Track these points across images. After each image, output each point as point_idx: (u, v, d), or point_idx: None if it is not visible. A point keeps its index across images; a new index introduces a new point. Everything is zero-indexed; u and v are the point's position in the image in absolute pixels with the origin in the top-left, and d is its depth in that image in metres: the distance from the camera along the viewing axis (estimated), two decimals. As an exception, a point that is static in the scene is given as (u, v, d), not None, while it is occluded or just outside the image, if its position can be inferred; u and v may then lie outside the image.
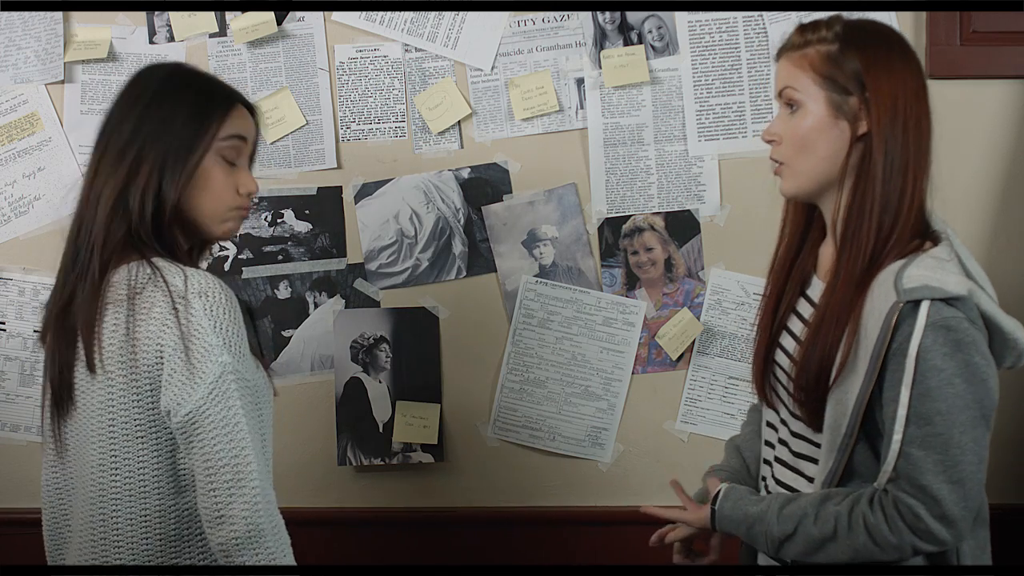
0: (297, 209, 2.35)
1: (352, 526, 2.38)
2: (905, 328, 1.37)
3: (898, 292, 1.38)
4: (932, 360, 1.36)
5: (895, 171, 1.44)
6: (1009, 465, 2.33)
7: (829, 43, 1.47)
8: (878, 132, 1.44)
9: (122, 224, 1.49)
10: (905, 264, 1.41)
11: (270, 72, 2.33)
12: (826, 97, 1.46)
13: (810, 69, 1.47)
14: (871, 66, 1.45)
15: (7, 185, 2.35)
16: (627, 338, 2.33)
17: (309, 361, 2.36)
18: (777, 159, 1.52)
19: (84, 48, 2.31)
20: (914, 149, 1.45)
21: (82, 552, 1.50)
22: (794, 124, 1.48)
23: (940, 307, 1.37)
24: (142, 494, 1.47)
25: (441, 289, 2.34)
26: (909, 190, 1.45)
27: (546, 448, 2.35)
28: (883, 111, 1.44)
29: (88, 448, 1.49)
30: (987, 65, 2.25)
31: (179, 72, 1.60)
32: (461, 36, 2.30)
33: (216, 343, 1.43)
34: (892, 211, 1.44)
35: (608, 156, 2.31)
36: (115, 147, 1.51)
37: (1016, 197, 2.29)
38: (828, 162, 1.47)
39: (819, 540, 1.44)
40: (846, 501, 1.43)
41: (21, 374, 2.36)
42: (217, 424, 1.42)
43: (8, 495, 2.33)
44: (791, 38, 1.51)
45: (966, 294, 1.39)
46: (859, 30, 1.49)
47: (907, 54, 1.49)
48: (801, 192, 1.52)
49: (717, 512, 1.56)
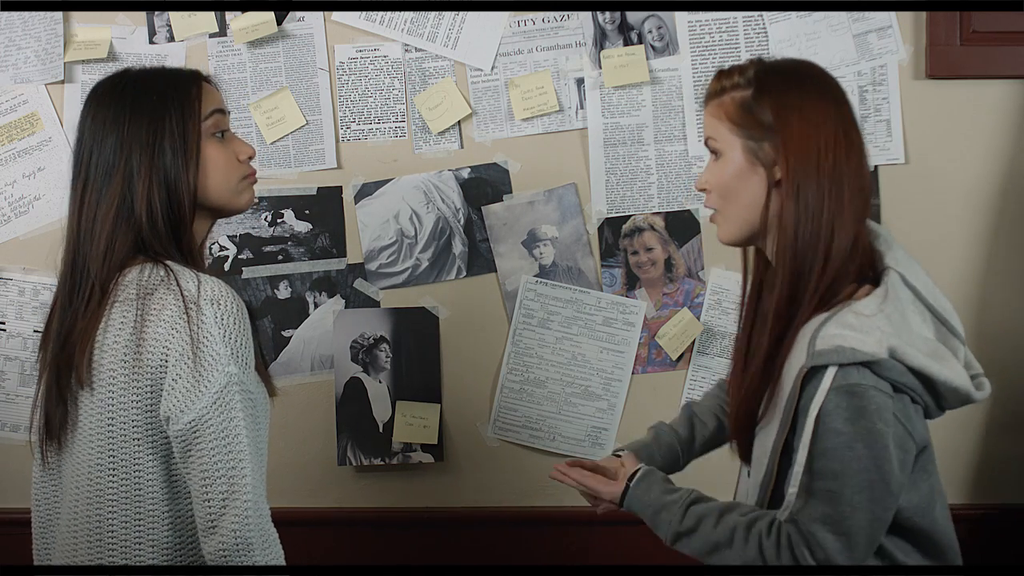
0: (297, 209, 2.35)
1: (352, 526, 2.38)
2: (810, 389, 1.38)
3: (808, 355, 1.38)
4: (833, 423, 1.36)
5: (810, 218, 1.41)
6: (1010, 465, 2.34)
7: (743, 89, 1.46)
8: (789, 179, 1.41)
9: (127, 236, 1.48)
10: (825, 320, 1.40)
11: (270, 72, 2.33)
12: (742, 144, 1.46)
13: (726, 118, 1.47)
14: (782, 110, 1.43)
15: (7, 185, 2.35)
16: (627, 338, 2.33)
17: (309, 361, 2.36)
18: (710, 207, 1.53)
19: (84, 48, 2.31)
20: (835, 193, 1.41)
21: (76, 553, 1.49)
22: (719, 172, 1.49)
23: (848, 371, 1.36)
24: (137, 497, 1.46)
25: (441, 289, 2.34)
26: (825, 236, 1.41)
27: (546, 448, 2.35)
28: (795, 156, 1.41)
29: (86, 449, 1.48)
30: (987, 65, 2.25)
31: (133, 76, 1.57)
32: (461, 36, 2.30)
33: (224, 353, 1.43)
34: (808, 260, 1.41)
35: (608, 156, 2.31)
36: (101, 168, 1.49)
37: (1016, 197, 2.29)
38: (750, 210, 1.47)
39: (714, 544, 1.46)
40: (748, 516, 1.45)
41: (21, 374, 2.37)
42: (217, 435, 1.41)
43: (8, 495, 2.33)
44: (711, 85, 1.51)
45: (883, 355, 1.36)
46: (773, 72, 1.47)
47: (824, 94, 1.46)
48: (734, 239, 1.52)
49: (630, 491, 1.57)
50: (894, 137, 2.26)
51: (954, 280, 2.29)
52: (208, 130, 1.54)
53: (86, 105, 1.55)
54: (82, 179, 1.52)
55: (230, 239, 2.35)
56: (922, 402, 1.42)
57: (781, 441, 1.43)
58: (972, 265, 2.30)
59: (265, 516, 1.44)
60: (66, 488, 1.53)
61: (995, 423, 2.33)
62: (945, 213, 2.29)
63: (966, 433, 2.32)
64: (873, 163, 2.27)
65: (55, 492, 1.56)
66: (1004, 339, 2.30)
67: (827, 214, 1.41)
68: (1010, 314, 2.31)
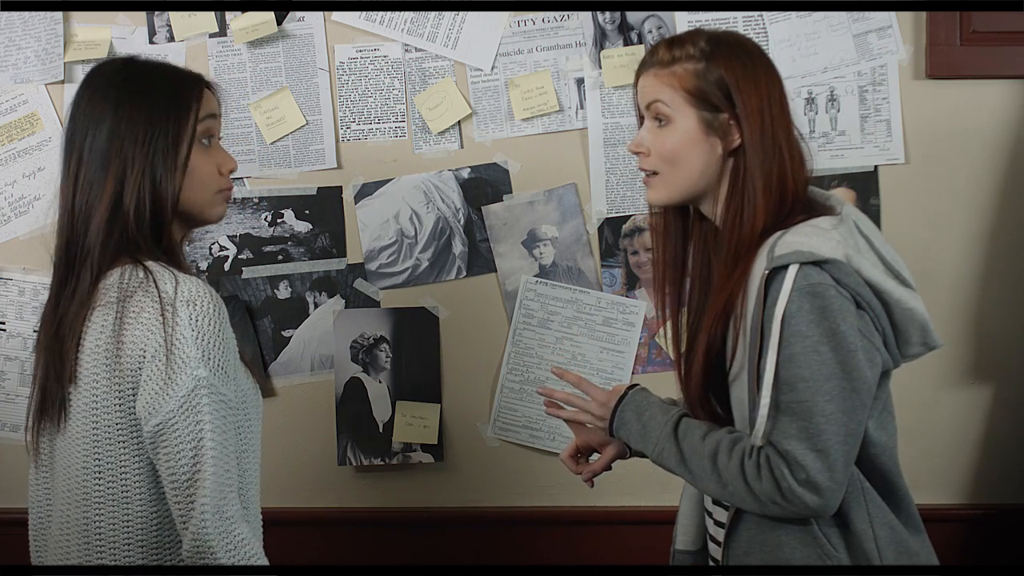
0: (297, 209, 2.35)
1: (352, 526, 2.38)
2: (772, 293, 1.39)
3: (768, 259, 1.41)
4: (797, 326, 1.37)
5: (770, 176, 1.48)
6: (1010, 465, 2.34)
7: (696, 60, 1.50)
8: (752, 143, 1.48)
9: (117, 230, 1.47)
10: (782, 234, 1.44)
11: (270, 72, 2.33)
12: (697, 115, 1.50)
13: (680, 88, 1.50)
14: (739, 79, 1.49)
15: (7, 185, 2.35)
16: (627, 338, 2.33)
17: (309, 361, 2.36)
18: (648, 169, 1.55)
19: (84, 48, 2.31)
20: (786, 154, 1.49)
21: (68, 556, 1.49)
22: (663, 138, 1.52)
23: (808, 271, 1.38)
24: (124, 500, 1.46)
25: (441, 289, 2.34)
26: (784, 191, 1.48)
27: (546, 448, 2.35)
28: (753, 123, 1.48)
29: (74, 452, 1.48)
30: (987, 65, 2.25)
31: (138, 66, 1.55)
32: (461, 36, 2.30)
33: (194, 355, 1.41)
34: (774, 210, 1.48)
35: (608, 156, 2.31)
36: (96, 154, 1.48)
37: (1016, 197, 2.28)
38: (698, 174, 1.51)
39: (696, 454, 1.46)
40: (733, 435, 1.45)
41: (21, 374, 2.37)
42: (183, 438, 1.40)
43: (8, 495, 2.33)
44: (659, 54, 1.54)
45: (840, 258, 1.39)
46: (723, 44, 1.52)
47: (768, 64, 1.53)
48: (672, 200, 1.55)
49: (621, 405, 1.58)
50: (894, 137, 2.26)
51: (954, 280, 2.29)
52: (199, 134, 1.53)
53: (85, 83, 1.53)
54: (76, 158, 1.50)
55: (230, 239, 2.35)
56: (880, 329, 1.43)
57: (755, 361, 1.41)
58: (972, 265, 2.30)
59: (233, 519, 1.41)
60: (57, 491, 1.53)
61: (995, 423, 2.33)
62: (945, 213, 2.29)
63: (966, 433, 2.32)
64: (873, 163, 2.28)
65: (47, 494, 1.56)
66: (1004, 339, 2.30)
67: (785, 168, 1.49)
68: (1010, 314, 2.31)
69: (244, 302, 2.34)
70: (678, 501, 1.72)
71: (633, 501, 2.34)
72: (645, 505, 2.33)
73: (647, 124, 1.54)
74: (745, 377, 1.44)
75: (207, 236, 2.33)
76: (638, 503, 2.34)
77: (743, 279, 1.46)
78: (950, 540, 2.22)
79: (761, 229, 1.47)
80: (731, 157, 1.50)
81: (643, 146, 1.54)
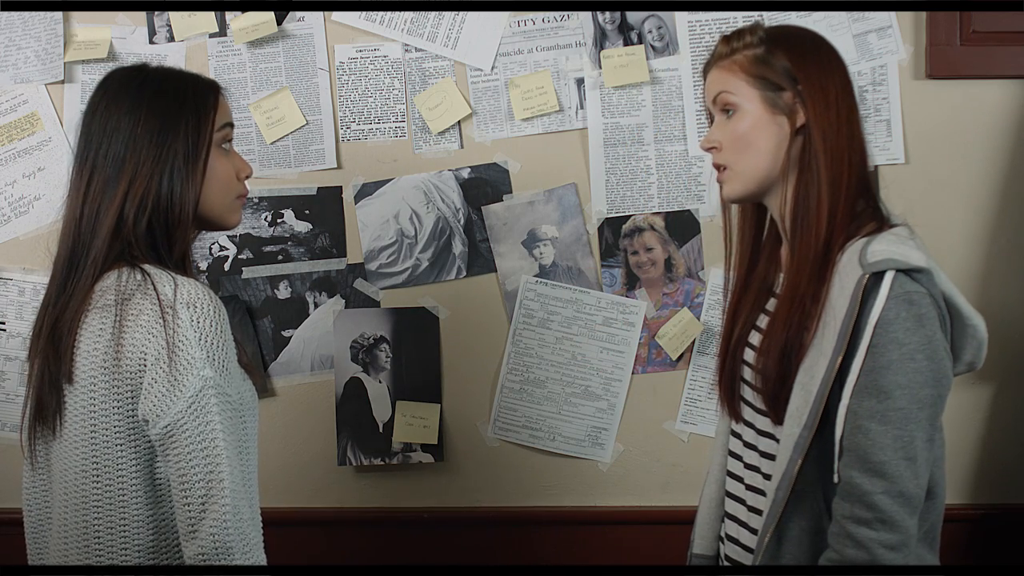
0: (297, 209, 2.35)
1: (352, 526, 2.38)
2: (871, 300, 1.39)
3: (863, 266, 1.40)
4: (894, 333, 1.37)
5: (835, 157, 1.48)
6: (1010, 465, 2.34)
7: (755, 47, 1.52)
8: (816, 121, 1.48)
9: (123, 236, 1.48)
10: (868, 241, 1.44)
11: (270, 72, 2.33)
12: (760, 96, 1.51)
13: (741, 72, 1.52)
14: (799, 59, 1.50)
15: (7, 185, 2.35)
16: (627, 338, 2.33)
17: (309, 361, 2.36)
18: (720, 163, 1.55)
19: (84, 48, 2.31)
20: (849, 138, 1.49)
21: (67, 558, 1.49)
22: (732, 127, 1.52)
23: (904, 280, 1.39)
24: (121, 503, 1.46)
25: (441, 289, 2.35)
26: (846, 174, 1.48)
27: (546, 448, 2.35)
28: (817, 101, 1.49)
29: (71, 455, 1.48)
30: (987, 65, 2.24)
31: (152, 73, 1.56)
32: (461, 36, 2.30)
33: (199, 356, 1.42)
34: (839, 195, 1.47)
35: (608, 156, 2.31)
36: (110, 159, 1.48)
37: (1016, 197, 2.29)
38: (770, 157, 1.51)
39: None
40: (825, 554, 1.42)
41: (21, 374, 2.37)
42: (194, 439, 1.40)
43: (8, 495, 2.33)
44: (718, 49, 1.56)
45: (929, 267, 1.41)
46: (781, 32, 1.55)
47: (831, 51, 1.55)
48: (747, 193, 1.55)
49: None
50: (894, 137, 2.26)
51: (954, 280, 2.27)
52: (217, 142, 1.54)
53: (99, 90, 1.54)
54: (89, 165, 1.50)
55: (230, 239, 2.35)
56: (949, 341, 1.44)
57: (835, 368, 1.40)
58: (972, 265, 2.30)
59: (246, 520, 1.43)
60: (55, 493, 1.53)
61: (996, 423, 2.33)
62: (945, 213, 2.29)
63: (966, 433, 2.32)
64: (873, 163, 2.27)
65: (45, 496, 1.56)
66: (1004, 339, 2.30)
67: (849, 154, 1.48)
68: (1010, 314, 2.31)
69: (244, 302, 2.34)
70: (678, 501, 1.72)
71: (633, 501, 2.34)
72: (645, 505, 2.33)
73: (717, 120, 1.55)
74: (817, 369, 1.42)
75: (207, 236, 2.33)
76: (638, 503, 2.34)
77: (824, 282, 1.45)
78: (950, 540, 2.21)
79: (828, 210, 1.46)
80: (799, 136, 1.50)
81: (715, 140, 1.55)
